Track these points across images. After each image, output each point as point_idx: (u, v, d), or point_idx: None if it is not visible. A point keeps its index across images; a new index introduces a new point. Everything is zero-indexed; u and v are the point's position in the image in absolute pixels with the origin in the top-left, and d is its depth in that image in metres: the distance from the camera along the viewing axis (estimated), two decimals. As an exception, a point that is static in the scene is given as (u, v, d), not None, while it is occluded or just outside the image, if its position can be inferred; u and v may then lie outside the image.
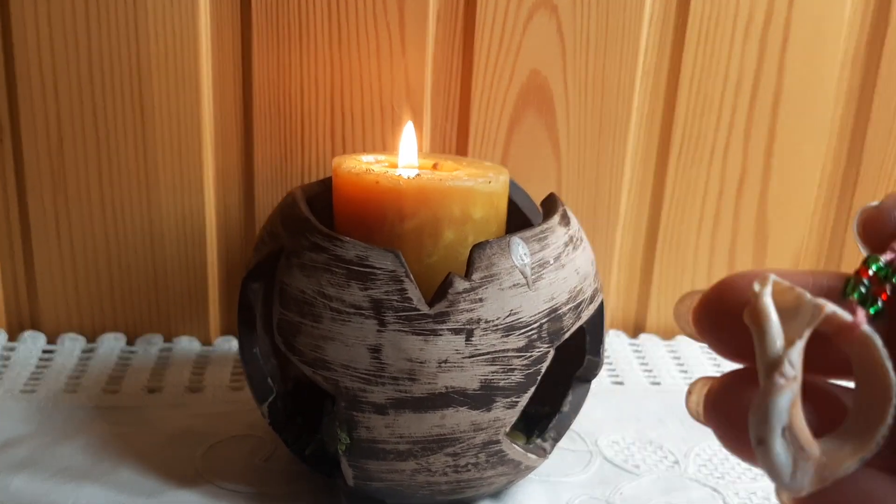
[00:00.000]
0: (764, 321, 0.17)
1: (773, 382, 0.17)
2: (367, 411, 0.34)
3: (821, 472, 0.17)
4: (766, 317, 0.17)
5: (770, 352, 0.17)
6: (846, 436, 0.17)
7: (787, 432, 0.17)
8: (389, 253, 0.33)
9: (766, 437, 0.17)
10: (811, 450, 0.17)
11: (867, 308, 0.17)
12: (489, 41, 0.50)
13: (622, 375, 0.52)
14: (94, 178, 0.50)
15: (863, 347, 0.17)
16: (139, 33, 0.47)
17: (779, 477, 0.17)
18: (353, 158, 0.39)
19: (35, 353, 0.50)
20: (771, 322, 0.17)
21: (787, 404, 0.16)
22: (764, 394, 0.17)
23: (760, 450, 0.17)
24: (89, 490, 0.38)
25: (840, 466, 0.17)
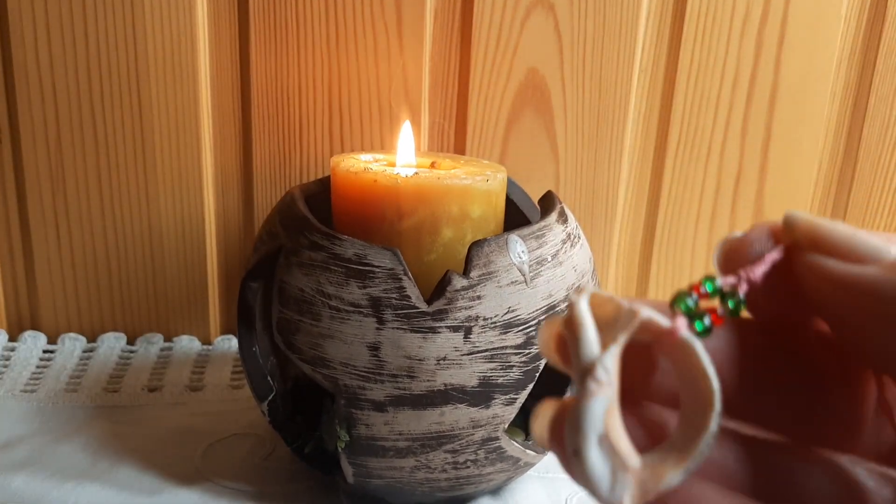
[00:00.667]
0: (578, 328, 0.16)
1: (586, 388, 0.15)
2: (367, 409, 0.34)
3: (643, 486, 0.16)
4: (579, 323, 0.16)
5: (583, 358, 0.16)
6: (671, 447, 0.16)
7: (603, 442, 0.16)
8: (388, 251, 0.33)
9: (580, 447, 0.15)
10: (630, 460, 0.16)
11: (693, 323, 0.17)
12: (486, 40, 0.50)
13: (621, 372, 0.52)
14: (93, 179, 0.50)
15: (682, 354, 0.17)
16: (137, 34, 0.47)
17: (596, 490, 0.16)
18: (351, 157, 0.39)
19: (35, 353, 0.50)
20: (585, 328, 0.16)
21: (601, 411, 0.15)
22: (577, 401, 0.16)
23: (576, 462, 0.15)
24: (90, 489, 0.38)
25: (663, 478, 0.16)
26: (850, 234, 0.17)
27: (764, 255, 0.18)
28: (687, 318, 0.17)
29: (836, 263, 0.17)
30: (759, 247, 0.18)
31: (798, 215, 0.18)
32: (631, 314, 0.16)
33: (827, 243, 0.17)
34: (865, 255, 0.17)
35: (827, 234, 0.17)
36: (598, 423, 0.15)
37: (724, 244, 0.18)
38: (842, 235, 0.17)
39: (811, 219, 0.18)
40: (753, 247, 0.18)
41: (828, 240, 0.17)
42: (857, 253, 0.17)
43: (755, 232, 0.18)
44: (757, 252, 0.18)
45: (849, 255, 0.17)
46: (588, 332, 0.16)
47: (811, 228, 0.18)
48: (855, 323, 0.17)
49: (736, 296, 0.17)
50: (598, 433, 0.15)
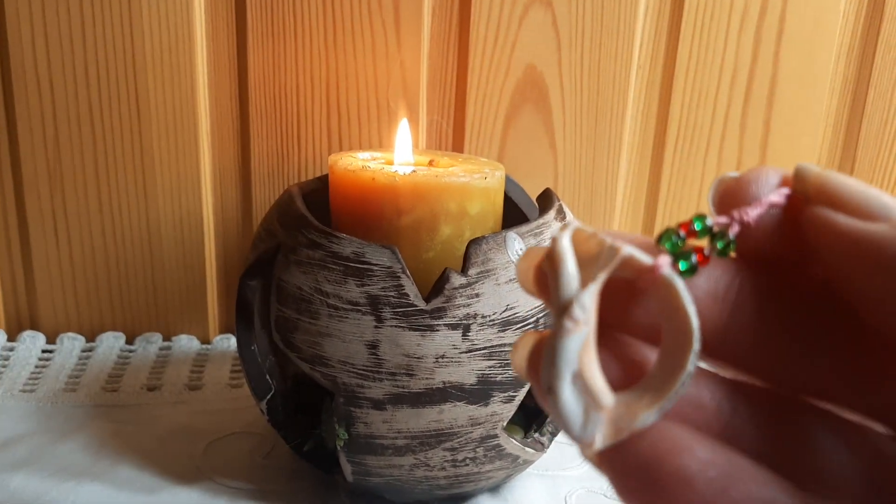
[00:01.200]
0: (558, 264, 0.16)
1: (561, 325, 0.15)
2: (365, 407, 0.34)
3: (616, 424, 0.16)
4: (560, 260, 0.16)
5: (562, 295, 0.16)
6: (647, 386, 0.16)
7: (577, 379, 0.15)
8: (386, 249, 0.33)
9: (553, 384, 0.15)
10: (604, 399, 0.16)
11: (677, 262, 0.16)
12: (484, 36, 0.50)
13: (620, 369, 0.52)
14: (90, 177, 0.50)
15: (664, 291, 0.16)
16: (134, 31, 0.47)
17: (569, 427, 0.16)
18: (349, 155, 0.39)
19: (34, 352, 0.50)
20: (565, 265, 0.16)
21: (575, 348, 0.15)
22: (551, 338, 0.15)
23: (550, 399, 0.15)
24: (89, 488, 0.38)
25: (637, 417, 0.16)
26: (861, 189, 0.17)
27: (761, 197, 0.17)
28: (672, 256, 0.16)
29: (844, 218, 0.17)
30: (755, 188, 0.18)
31: (809, 167, 0.18)
32: (612, 251, 0.16)
33: (837, 197, 0.17)
34: (875, 212, 0.16)
35: (837, 188, 0.17)
36: (572, 360, 0.15)
37: (720, 184, 0.18)
38: (853, 190, 0.17)
39: (822, 171, 0.17)
40: (750, 187, 0.18)
41: (838, 193, 0.17)
42: (866, 209, 0.17)
43: (753, 173, 0.18)
44: (753, 194, 0.18)
45: (858, 211, 0.17)
46: (568, 269, 0.16)
47: (822, 180, 0.17)
48: (858, 278, 0.16)
49: (726, 236, 0.17)
50: (572, 371, 0.15)
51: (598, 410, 0.16)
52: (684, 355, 0.16)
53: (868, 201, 0.17)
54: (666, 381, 0.16)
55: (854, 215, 0.17)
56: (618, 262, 0.16)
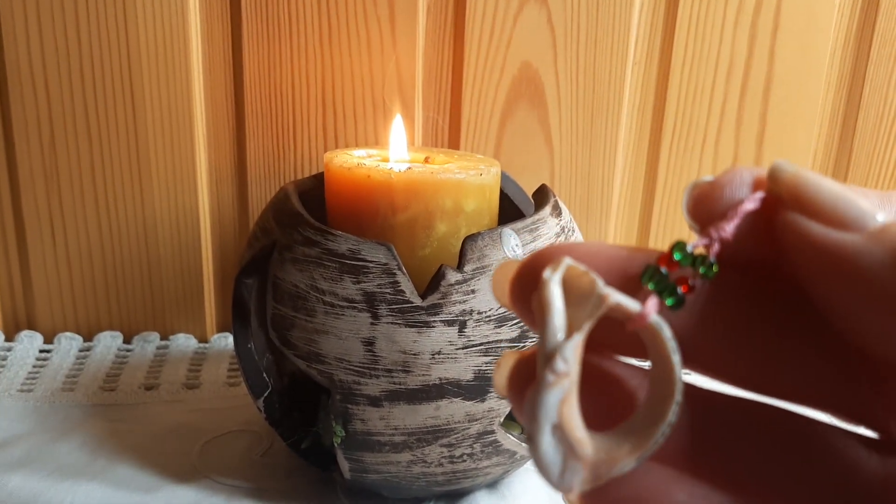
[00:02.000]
0: (546, 311, 0.16)
1: (543, 378, 0.15)
2: (362, 404, 0.34)
3: (595, 470, 0.16)
4: (548, 306, 0.16)
5: (547, 345, 0.16)
6: (628, 432, 0.16)
7: (556, 431, 0.16)
8: (381, 246, 0.33)
9: (533, 435, 0.16)
10: (582, 450, 0.16)
11: (664, 298, 0.16)
12: (480, 34, 0.50)
13: (618, 365, 0.52)
14: (87, 177, 0.50)
15: (651, 337, 0.16)
16: (129, 29, 0.47)
17: (547, 476, 0.16)
18: (344, 153, 0.39)
19: (32, 352, 0.50)
20: (553, 312, 0.16)
21: (555, 402, 0.15)
22: (534, 390, 0.16)
23: (530, 447, 0.16)
24: (87, 487, 0.38)
25: (616, 465, 0.16)
26: (836, 195, 0.16)
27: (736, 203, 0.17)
28: (657, 293, 0.16)
29: (816, 227, 0.16)
30: (729, 192, 0.17)
31: (784, 167, 0.17)
32: (599, 300, 0.16)
33: (810, 202, 0.16)
34: (849, 220, 0.16)
35: (812, 193, 0.16)
36: (551, 413, 0.15)
37: (694, 189, 0.17)
38: (827, 195, 0.16)
39: (797, 172, 0.17)
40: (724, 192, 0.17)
41: (812, 199, 0.16)
42: (841, 216, 0.16)
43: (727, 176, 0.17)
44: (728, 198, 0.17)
45: (831, 218, 0.16)
46: (555, 318, 0.16)
47: (796, 184, 0.17)
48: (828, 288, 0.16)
49: (707, 260, 0.17)
50: (551, 422, 0.16)
51: (576, 460, 0.16)
52: (666, 405, 0.16)
53: (843, 208, 0.16)
54: (647, 429, 0.16)
55: (827, 222, 0.16)
56: (604, 311, 0.16)
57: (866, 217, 0.16)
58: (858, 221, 0.16)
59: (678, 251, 0.17)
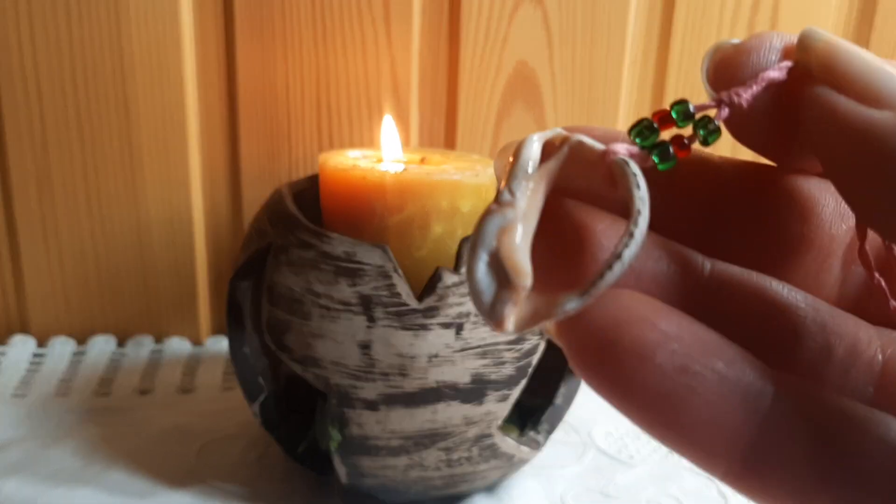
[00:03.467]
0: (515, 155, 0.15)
1: (487, 207, 0.15)
2: (359, 408, 0.33)
3: (535, 309, 0.15)
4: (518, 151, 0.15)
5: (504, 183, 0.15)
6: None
7: (494, 259, 0.15)
8: (377, 248, 0.33)
9: (469, 261, 0.15)
10: (518, 278, 0.15)
11: (651, 156, 0.15)
12: (475, 33, 0.50)
13: (615, 366, 0.52)
14: (79, 180, 0.49)
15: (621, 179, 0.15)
16: (121, 31, 0.47)
17: (478, 304, 0.15)
18: (339, 154, 0.39)
19: (25, 356, 0.50)
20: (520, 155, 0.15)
21: (494, 229, 0.15)
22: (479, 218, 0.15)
23: (466, 274, 0.15)
24: (82, 492, 0.38)
25: (559, 301, 0.14)
26: (871, 67, 0.15)
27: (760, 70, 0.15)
28: (646, 150, 0.15)
29: (846, 102, 0.14)
30: (756, 59, 0.16)
31: (816, 34, 0.15)
32: (565, 140, 0.15)
33: (843, 74, 0.15)
34: (883, 97, 0.14)
35: (845, 64, 0.15)
36: (489, 239, 0.15)
37: (716, 53, 0.16)
38: (861, 67, 0.15)
39: (831, 41, 0.15)
40: (750, 58, 0.16)
41: (845, 70, 0.15)
42: (875, 91, 0.14)
43: (754, 41, 0.16)
44: (753, 65, 0.15)
45: (864, 93, 0.14)
46: (520, 161, 0.15)
47: (828, 52, 0.15)
48: (852, 171, 0.14)
49: (711, 123, 0.15)
50: (488, 249, 0.15)
51: (510, 290, 0.15)
52: (619, 242, 0.14)
53: (878, 82, 0.14)
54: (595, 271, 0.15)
55: (859, 98, 0.14)
56: (567, 151, 0.15)
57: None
58: (893, 97, 0.14)
59: (678, 106, 0.15)
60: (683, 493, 0.39)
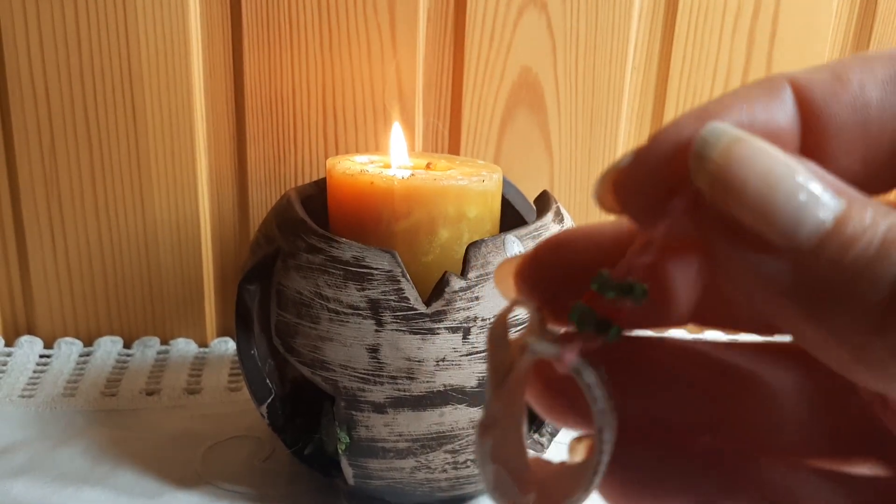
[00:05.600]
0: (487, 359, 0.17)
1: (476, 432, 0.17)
2: (367, 410, 0.34)
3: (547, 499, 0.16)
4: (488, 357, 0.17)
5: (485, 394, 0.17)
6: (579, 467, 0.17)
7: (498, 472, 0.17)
8: (386, 253, 0.33)
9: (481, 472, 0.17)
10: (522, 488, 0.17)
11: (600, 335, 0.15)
12: (479, 39, 0.50)
13: (617, 369, 0.52)
14: (87, 182, 0.50)
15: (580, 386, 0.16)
16: (129, 36, 0.47)
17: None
18: (347, 159, 0.39)
19: (32, 358, 0.50)
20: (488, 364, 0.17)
21: (487, 452, 0.17)
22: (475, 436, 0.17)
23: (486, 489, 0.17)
24: (89, 493, 0.38)
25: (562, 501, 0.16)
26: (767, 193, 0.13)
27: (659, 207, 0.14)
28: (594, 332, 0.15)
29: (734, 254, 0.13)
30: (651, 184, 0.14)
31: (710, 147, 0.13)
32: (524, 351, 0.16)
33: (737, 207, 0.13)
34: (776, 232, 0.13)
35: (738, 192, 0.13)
36: (487, 460, 0.17)
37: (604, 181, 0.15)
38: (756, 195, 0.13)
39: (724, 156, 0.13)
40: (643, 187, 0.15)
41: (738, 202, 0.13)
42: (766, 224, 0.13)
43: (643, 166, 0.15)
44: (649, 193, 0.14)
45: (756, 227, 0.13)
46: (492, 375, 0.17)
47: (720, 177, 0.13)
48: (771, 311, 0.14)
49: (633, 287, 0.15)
50: (490, 467, 0.17)
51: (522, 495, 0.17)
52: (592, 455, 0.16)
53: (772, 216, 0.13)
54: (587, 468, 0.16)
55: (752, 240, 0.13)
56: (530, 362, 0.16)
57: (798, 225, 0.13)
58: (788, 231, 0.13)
59: (597, 284, 0.15)
60: (685, 496, 0.40)
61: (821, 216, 0.13)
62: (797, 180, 0.13)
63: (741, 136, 0.13)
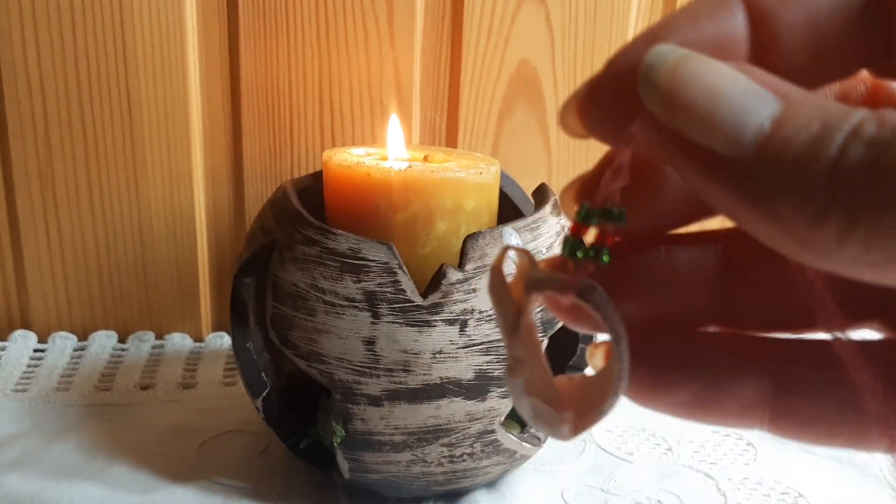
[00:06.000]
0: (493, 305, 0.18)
1: (505, 373, 0.18)
2: (363, 403, 0.34)
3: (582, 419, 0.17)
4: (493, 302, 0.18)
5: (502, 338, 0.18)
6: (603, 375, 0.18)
7: (534, 403, 0.18)
8: (382, 245, 0.33)
9: (517, 409, 0.18)
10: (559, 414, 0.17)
11: (595, 261, 0.17)
12: (477, 32, 0.50)
13: (615, 364, 0.52)
14: (82, 176, 0.49)
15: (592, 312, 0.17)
16: (125, 27, 0.47)
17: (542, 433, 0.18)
18: (343, 151, 0.39)
19: (26, 352, 0.50)
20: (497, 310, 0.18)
21: (521, 389, 0.17)
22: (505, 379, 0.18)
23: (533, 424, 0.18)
24: (83, 488, 0.38)
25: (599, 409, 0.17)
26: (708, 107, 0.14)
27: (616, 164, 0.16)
28: (588, 261, 0.17)
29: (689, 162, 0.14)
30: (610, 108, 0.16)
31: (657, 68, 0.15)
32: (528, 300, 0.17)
33: (684, 122, 0.14)
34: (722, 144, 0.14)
35: (684, 110, 0.14)
36: (523, 396, 0.18)
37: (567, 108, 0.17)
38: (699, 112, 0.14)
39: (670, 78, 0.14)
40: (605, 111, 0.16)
41: (685, 118, 0.14)
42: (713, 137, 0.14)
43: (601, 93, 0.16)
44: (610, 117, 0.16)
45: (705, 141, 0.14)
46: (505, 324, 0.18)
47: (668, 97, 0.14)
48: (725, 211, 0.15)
49: (612, 212, 0.16)
50: (526, 401, 0.18)
51: (559, 421, 0.17)
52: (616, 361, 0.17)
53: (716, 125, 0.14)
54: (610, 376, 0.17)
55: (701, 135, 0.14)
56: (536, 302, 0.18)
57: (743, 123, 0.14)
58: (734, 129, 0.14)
59: (580, 214, 0.17)
60: (683, 491, 0.40)
61: (759, 121, 0.14)
62: (737, 91, 0.14)
63: (683, 56, 0.14)
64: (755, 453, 0.43)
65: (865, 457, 0.43)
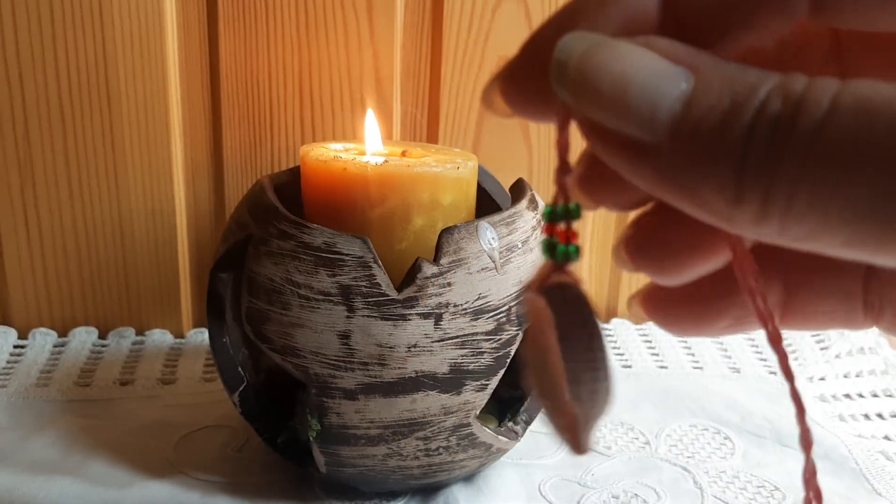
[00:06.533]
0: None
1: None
2: (338, 397, 0.34)
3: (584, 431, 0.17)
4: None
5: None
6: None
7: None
8: (357, 239, 0.33)
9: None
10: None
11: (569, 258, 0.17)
12: (458, 28, 0.50)
13: (595, 359, 0.52)
14: (61, 170, 0.49)
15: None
16: (104, 20, 0.47)
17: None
18: (320, 146, 0.39)
19: (6, 348, 0.50)
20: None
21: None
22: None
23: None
24: (61, 483, 0.37)
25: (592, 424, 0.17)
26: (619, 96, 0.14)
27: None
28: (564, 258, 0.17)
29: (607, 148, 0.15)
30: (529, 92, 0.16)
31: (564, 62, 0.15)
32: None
33: (596, 111, 0.14)
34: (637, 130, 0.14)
35: (595, 101, 0.14)
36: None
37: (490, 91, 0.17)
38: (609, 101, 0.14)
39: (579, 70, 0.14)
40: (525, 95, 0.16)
41: (597, 108, 0.14)
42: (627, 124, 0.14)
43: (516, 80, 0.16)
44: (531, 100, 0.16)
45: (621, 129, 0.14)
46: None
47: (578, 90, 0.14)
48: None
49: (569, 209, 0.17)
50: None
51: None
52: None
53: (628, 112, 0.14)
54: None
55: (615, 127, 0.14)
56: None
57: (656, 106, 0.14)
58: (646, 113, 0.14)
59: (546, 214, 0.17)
60: (660, 484, 0.40)
61: (670, 105, 0.14)
62: (646, 75, 0.14)
63: (590, 46, 0.14)
64: (732, 447, 0.43)
65: (842, 450, 0.43)
